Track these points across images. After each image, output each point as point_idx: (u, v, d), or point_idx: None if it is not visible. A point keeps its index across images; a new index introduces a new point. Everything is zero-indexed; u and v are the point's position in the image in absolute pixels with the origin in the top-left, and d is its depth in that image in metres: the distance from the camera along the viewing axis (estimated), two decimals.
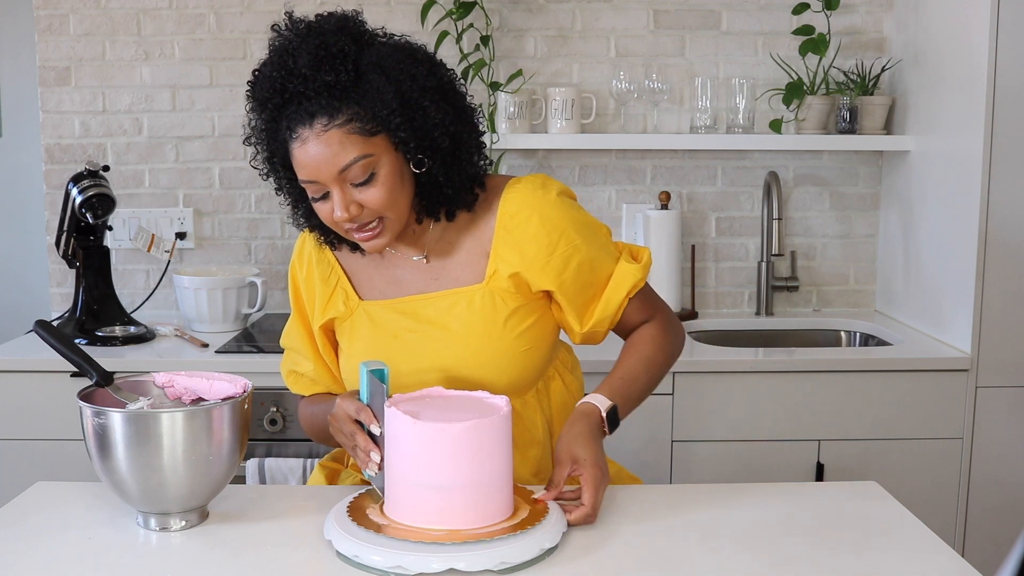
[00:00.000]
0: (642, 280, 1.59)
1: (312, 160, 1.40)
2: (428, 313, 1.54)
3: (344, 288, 1.59)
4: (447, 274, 1.56)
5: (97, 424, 1.31)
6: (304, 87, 1.39)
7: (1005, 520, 2.39)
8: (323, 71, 1.39)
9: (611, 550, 1.29)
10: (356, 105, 1.40)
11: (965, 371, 2.37)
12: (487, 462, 1.27)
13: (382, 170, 1.42)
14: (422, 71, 1.45)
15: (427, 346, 1.53)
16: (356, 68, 1.41)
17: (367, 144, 1.41)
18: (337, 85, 1.39)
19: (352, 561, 1.23)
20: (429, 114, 1.44)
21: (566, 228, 1.53)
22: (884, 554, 1.30)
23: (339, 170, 1.40)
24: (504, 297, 1.53)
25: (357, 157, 1.40)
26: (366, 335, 1.56)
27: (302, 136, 1.40)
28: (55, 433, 2.34)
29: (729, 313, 2.92)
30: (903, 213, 2.74)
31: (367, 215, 1.44)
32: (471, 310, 1.53)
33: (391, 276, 1.58)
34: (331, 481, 1.71)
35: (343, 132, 1.39)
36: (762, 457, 2.37)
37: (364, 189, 1.42)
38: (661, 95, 2.80)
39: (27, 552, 1.30)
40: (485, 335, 1.52)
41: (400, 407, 1.30)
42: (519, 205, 1.53)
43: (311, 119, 1.39)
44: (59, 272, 2.89)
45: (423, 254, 1.57)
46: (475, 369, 1.52)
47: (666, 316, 1.65)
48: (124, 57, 2.82)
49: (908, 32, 2.71)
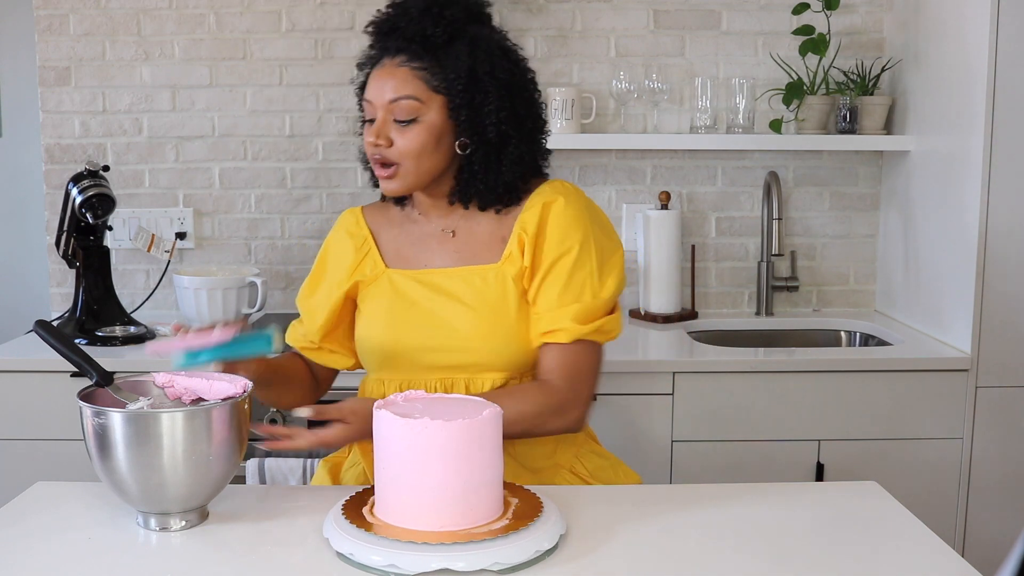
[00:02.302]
0: (569, 337, 1.57)
1: (376, 83, 1.59)
2: (446, 285, 1.63)
3: (373, 256, 1.70)
4: (469, 251, 1.66)
5: (97, 424, 1.31)
6: (406, 25, 1.57)
7: (1005, 520, 2.39)
8: (425, 22, 1.56)
9: (611, 550, 1.29)
10: (435, 61, 1.57)
11: (965, 371, 2.37)
12: (479, 461, 1.27)
13: (424, 122, 1.57)
14: (503, 65, 1.61)
15: (439, 316, 1.62)
16: (452, 33, 1.57)
17: (424, 94, 1.57)
18: (431, 38, 1.56)
19: (352, 561, 1.23)
20: (488, 100, 1.58)
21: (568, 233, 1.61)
22: (884, 554, 1.30)
23: (390, 99, 1.57)
24: (515, 279, 1.61)
25: (410, 95, 1.56)
26: (386, 300, 1.66)
27: (382, 63, 1.60)
28: (55, 433, 2.34)
29: (729, 313, 2.92)
30: (903, 213, 2.74)
31: (391, 153, 1.58)
32: (485, 285, 1.62)
33: (418, 248, 1.69)
34: (335, 476, 1.74)
35: (412, 73, 1.57)
36: (762, 457, 2.37)
37: (401, 129, 1.57)
38: (661, 95, 2.80)
39: (27, 552, 1.30)
40: (494, 311, 1.60)
41: (390, 409, 1.30)
42: (544, 194, 1.63)
43: (395, 53, 1.58)
44: (59, 272, 2.89)
45: (452, 227, 1.67)
46: (480, 342, 1.60)
47: (566, 396, 1.58)
48: (124, 57, 2.82)
49: (908, 32, 2.71)
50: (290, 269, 2.89)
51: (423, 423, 1.25)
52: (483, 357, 1.60)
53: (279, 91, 2.85)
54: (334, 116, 2.85)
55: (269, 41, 2.83)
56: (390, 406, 1.32)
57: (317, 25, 2.82)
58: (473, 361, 1.61)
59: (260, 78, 2.84)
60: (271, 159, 2.87)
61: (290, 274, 2.89)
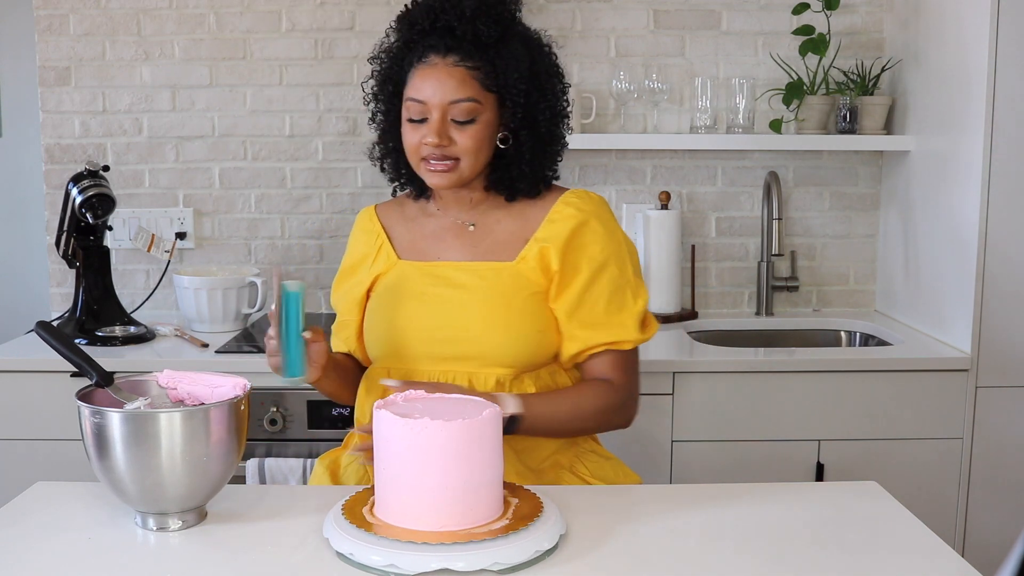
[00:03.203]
0: (633, 344, 1.67)
1: (431, 83, 1.59)
2: (459, 278, 1.65)
3: (386, 249, 1.73)
4: (486, 246, 1.69)
5: (95, 424, 1.31)
6: (458, 23, 1.57)
7: (1005, 520, 2.39)
8: (480, 20, 1.57)
9: (611, 550, 1.29)
10: (489, 62, 1.59)
11: (965, 371, 2.37)
12: (479, 461, 1.27)
13: (480, 121, 1.60)
14: (550, 61, 1.68)
15: (447, 308, 1.64)
16: (504, 32, 1.60)
17: (480, 94, 1.60)
18: (485, 37, 1.58)
19: (351, 561, 1.23)
20: (545, 96, 1.65)
21: (607, 244, 1.66)
22: (884, 554, 1.30)
23: (450, 101, 1.58)
24: (530, 278, 1.64)
25: (471, 98, 1.59)
26: (394, 290, 1.69)
27: (432, 61, 1.59)
28: (55, 433, 2.34)
29: (729, 313, 2.92)
30: (903, 213, 2.74)
31: (452, 151, 1.60)
32: (499, 280, 1.64)
33: (432, 241, 1.71)
34: (333, 473, 1.74)
35: (468, 73, 1.59)
36: (762, 457, 2.37)
37: (461, 128, 1.60)
38: (661, 95, 2.80)
39: (27, 552, 1.30)
40: (504, 306, 1.62)
41: (390, 408, 1.30)
42: (575, 208, 1.68)
43: (447, 52, 1.58)
44: (59, 272, 2.89)
45: (472, 222, 1.70)
46: (485, 335, 1.61)
47: (626, 393, 1.69)
48: (124, 57, 2.82)
49: (908, 32, 2.71)
50: (290, 269, 2.88)
51: (423, 423, 1.25)
52: (488, 350, 1.61)
53: (279, 91, 2.85)
54: (334, 116, 2.85)
55: (269, 41, 2.83)
56: (390, 406, 1.32)
57: (317, 25, 2.82)
58: (477, 353, 1.62)
59: (260, 78, 2.84)
60: (271, 159, 2.87)
61: (290, 274, 2.89)
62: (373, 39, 3.01)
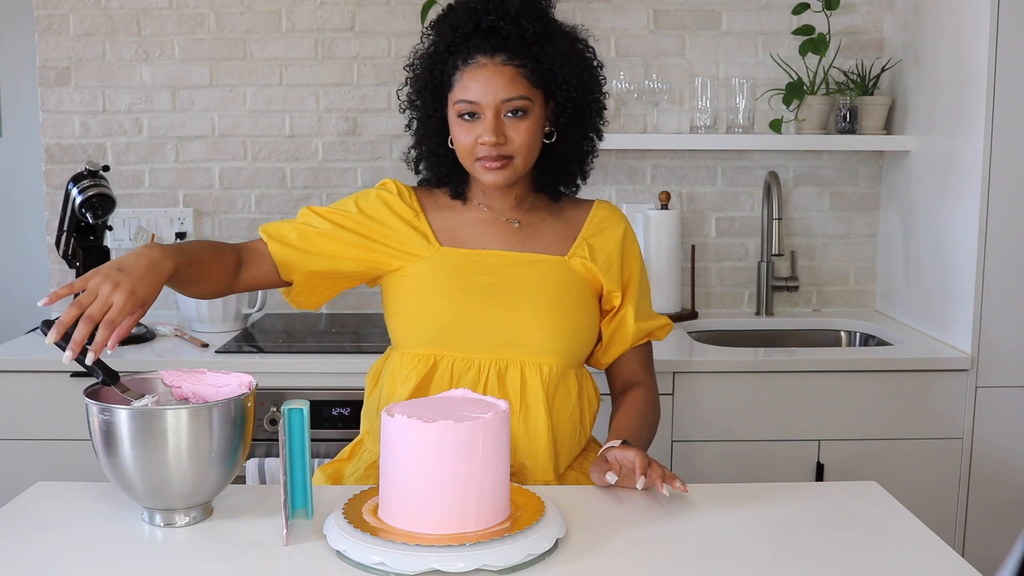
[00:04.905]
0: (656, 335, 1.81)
1: (482, 84, 1.59)
2: (508, 267, 1.66)
3: (424, 232, 1.69)
4: (534, 241, 1.71)
5: (103, 421, 1.31)
6: (503, 23, 1.59)
7: (1005, 520, 2.39)
8: (525, 19, 1.60)
9: (611, 550, 1.30)
10: (535, 59, 1.61)
11: (965, 371, 2.37)
12: (484, 463, 1.27)
13: (531, 117, 1.62)
14: (592, 55, 1.71)
15: (496, 297, 1.64)
16: (547, 28, 1.63)
17: (530, 91, 1.62)
18: (531, 36, 1.60)
19: (351, 560, 1.23)
20: (592, 90, 1.68)
21: (638, 254, 1.78)
22: (884, 554, 1.30)
23: (503, 99, 1.60)
24: (580, 273, 1.69)
25: (522, 95, 1.60)
26: (444, 277, 1.65)
27: (479, 62, 1.60)
28: (55, 433, 2.33)
29: (729, 313, 2.93)
30: (903, 213, 2.74)
31: (508, 148, 1.62)
32: (550, 273, 1.67)
33: (474, 232, 1.71)
34: (335, 483, 1.71)
35: (516, 72, 1.60)
36: (762, 457, 2.37)
37: (515, 124, 1.61)
38: (661, 95, 2.80)
39: (28, 550, 1.30)
40: (557, 298, 1.65)
41: (394, 412, 1.30)
42: (611, 212, 1.77)
43: (494, 52, 1.60)
44: (59, 272, 2.89)
45: (517, 219, 1.72)
46: (535, 327, 1.63)
47: (655, 387, 1.82)
48: (124, 57, 2.83)
49: (908, 32, 2.71)
50: None
51: (428, 425, 1.25)
52: (542, 340, 1.63)
53: (279, 91, 2.85)
54: (334, 116, 2.85)
55: (269, 41, 2.83)
56: (395, 409, 1.32)
57: (317, 25, 2.82)
58: (532, 341, 1.63)
59: (260, 78, 2.84)
60: (271, 159, 2.87)
61: None
62: (373, 39, 3.02)
